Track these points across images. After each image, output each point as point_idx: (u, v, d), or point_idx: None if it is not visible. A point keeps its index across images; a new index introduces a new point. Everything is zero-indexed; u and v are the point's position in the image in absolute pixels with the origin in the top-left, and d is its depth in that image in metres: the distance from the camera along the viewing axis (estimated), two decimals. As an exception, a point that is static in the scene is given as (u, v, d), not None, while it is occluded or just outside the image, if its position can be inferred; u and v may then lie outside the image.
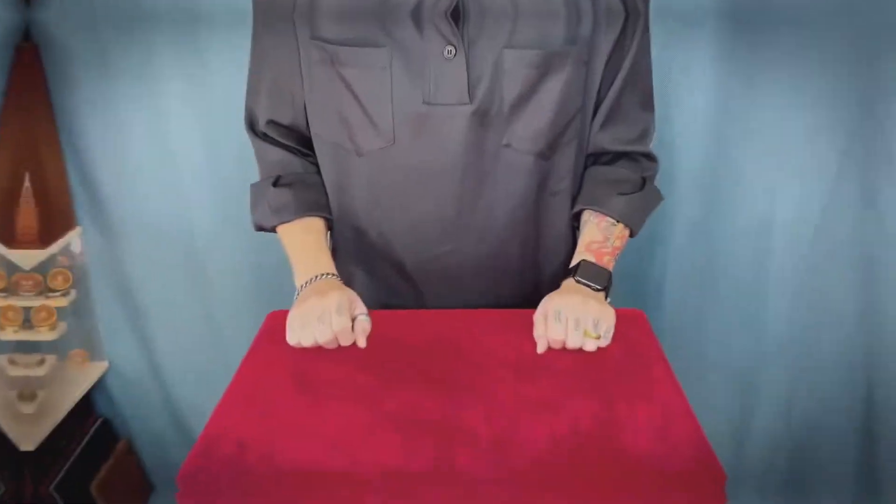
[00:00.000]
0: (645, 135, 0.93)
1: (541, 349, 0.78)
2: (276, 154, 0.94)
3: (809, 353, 1.36)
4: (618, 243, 0.89)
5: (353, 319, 0.79)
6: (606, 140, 0.91)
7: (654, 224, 1.35)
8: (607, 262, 0.86)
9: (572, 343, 0.76)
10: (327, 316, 0.76)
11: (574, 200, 0.93)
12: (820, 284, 1.30)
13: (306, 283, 0.84)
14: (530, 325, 0.81)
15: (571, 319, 0.77)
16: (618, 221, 0.89)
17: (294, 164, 0.94)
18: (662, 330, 1.42)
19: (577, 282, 0.83)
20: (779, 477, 1.51)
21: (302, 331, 0.77)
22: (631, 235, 0.91)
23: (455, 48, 0.80)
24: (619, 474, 0.61)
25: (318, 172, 0.95)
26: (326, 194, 0.95)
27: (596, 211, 0.90)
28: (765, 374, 1.41)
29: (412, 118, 0.84)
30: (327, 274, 0.85)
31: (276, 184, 0.92)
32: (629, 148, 0.92)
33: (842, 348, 1.34)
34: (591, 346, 0.77)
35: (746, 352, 1.41)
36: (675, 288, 1.40)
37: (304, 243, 0.90)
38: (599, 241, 0.88)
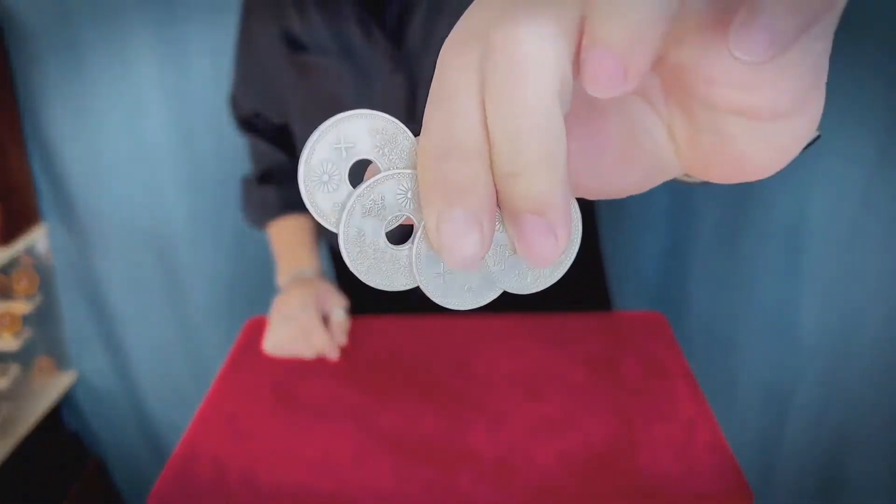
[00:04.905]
0: None
1: None
2: (265, 147, 0.95)
3: (844, 363, 1.36)
4: None
5: (328, 317, 0.80)
6: None
7: (677, 224, 1.34)
8: None
9: None
10: (293, 316, 0.77)
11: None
12: (855, 289, 1.29)
13: (285, 283, 0.85)
14: (539, 332, 0.80)
15: None
16: None
17: (282, 157, 0.95)
18: (687, 339, 1.41)
19: None
20: (811, 497, 1.51)
21: (271, 335, 0.78)
22: None
23: (395, 63, 0.79)
24: (637, 497, 0.59)
25: None
26: None
27: None
28: (796, 387, 1.41)
29: None
30: (306, 269, 0.86)
31: (262, 180, 0.93)
32: None
33: (878, 358, 1.34)
34: None
35: (776, 362, 1.41)
36: (700, 293, 1.39)
37: (286, 241, 0.91)
38: None
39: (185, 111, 1.32)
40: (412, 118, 0.82)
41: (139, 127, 1.34)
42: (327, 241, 1.02)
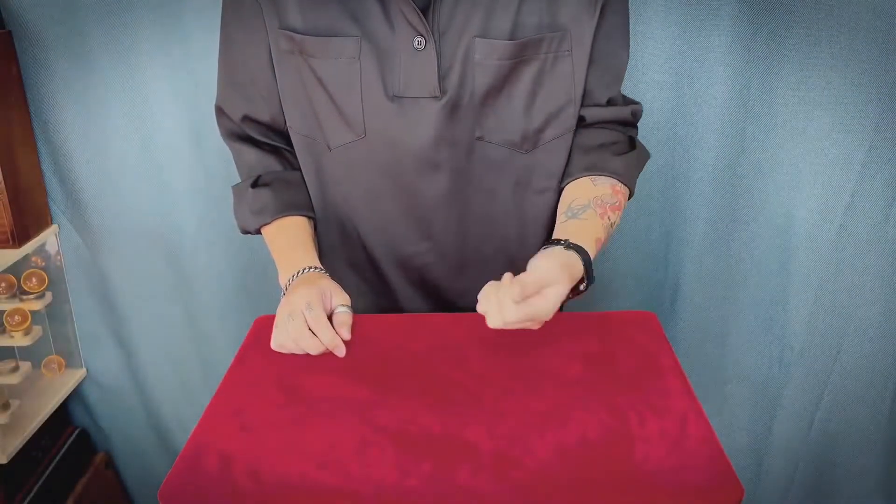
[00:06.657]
0: (620, 76, 0.90)
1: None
2: (253, 154, 0.94)
3: (833, 361, 1.36)
4: (620, 206, 0.86)
5: (332, 313, 0.81)
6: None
7: (670, 225, 1.35)
8: (610, 223, 0.83)
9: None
10: (298, 313, 0.78)
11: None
12: (843, 288, 1.29)
13: (287, 283, 0.85)
14: (535, 330, 0.80)
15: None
16: (619, 181, 0.87)
17: (272, 162, 0.94)
18: (678, 337, 1.42)
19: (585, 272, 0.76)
20: (800, 492, 1.51)
21: (278, 332, 0.79)
22: (629, 196, 0.90)
23: (425, 39, 0.80)
24: (631, 490, 0.60)
25: (299, 168, 0.96)
26: (308, 191, 0.95)
27: (593, 175, 0.87)
28: (785, 384, 1.41)
29: (382, 111, 0.84)
30: (307, 268, 0.86)
31: (255, 184, 0.93)
32: (607, 94, 0.89)
33: (867, 356, 1.34)
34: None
35: (766, 359, 1.41)
36: (691, 292, 1.40)
37: (285, 242, 0.91)
38: (608, 194, 0.85)
39: (193, 112, 1.32)
40: (444, 91, 0.83)
41: (148, 128, 1.34)
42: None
